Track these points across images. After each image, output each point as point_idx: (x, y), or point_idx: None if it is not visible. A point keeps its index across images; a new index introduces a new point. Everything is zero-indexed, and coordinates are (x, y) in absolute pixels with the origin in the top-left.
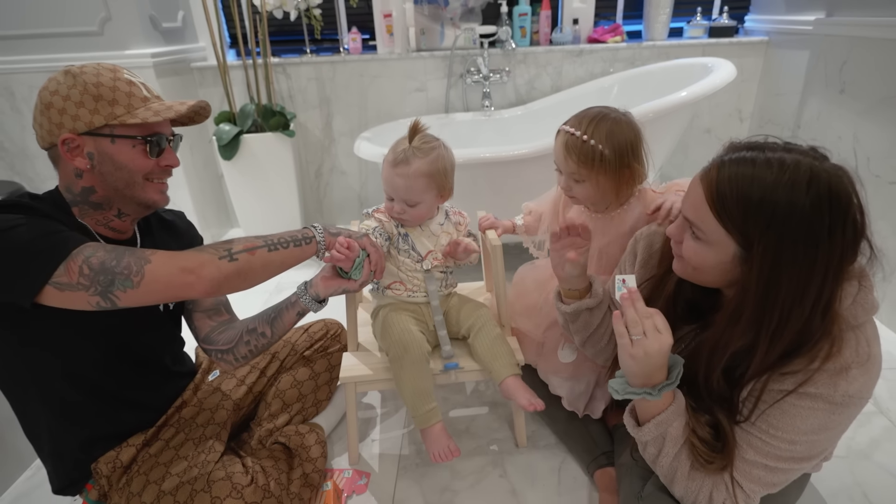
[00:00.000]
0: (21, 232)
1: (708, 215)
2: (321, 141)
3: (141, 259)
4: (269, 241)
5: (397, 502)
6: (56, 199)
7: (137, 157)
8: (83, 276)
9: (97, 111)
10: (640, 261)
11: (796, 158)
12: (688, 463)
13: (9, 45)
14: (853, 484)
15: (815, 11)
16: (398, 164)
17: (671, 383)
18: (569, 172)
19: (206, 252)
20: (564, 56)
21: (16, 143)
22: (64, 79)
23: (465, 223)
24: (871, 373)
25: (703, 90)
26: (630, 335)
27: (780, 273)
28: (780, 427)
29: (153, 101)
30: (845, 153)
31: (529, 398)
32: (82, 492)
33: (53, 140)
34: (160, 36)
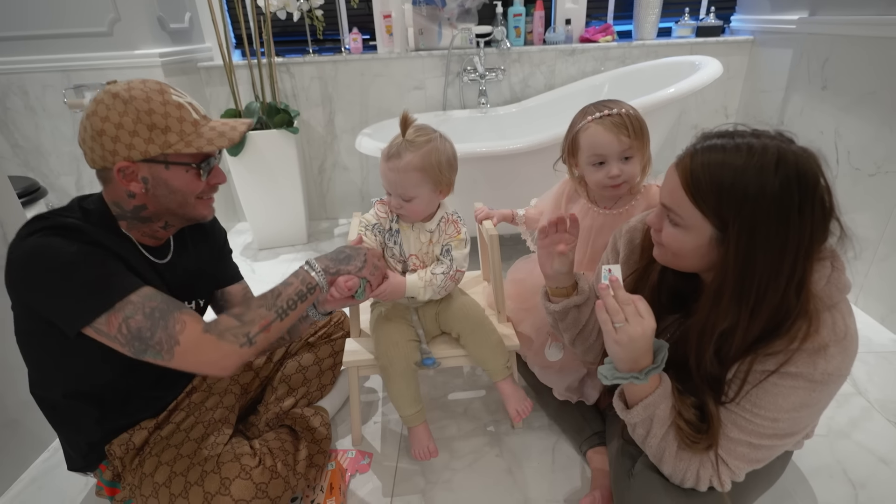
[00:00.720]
0: (74, 272)
1: (685, 201)
2: (324, 137)
3: (172, 339)
4: (279, 309)
5: (399, 481)
6: (104, 213)
7: (191, 181)
8: (121, 333)
9: (152, 140)
10: (622, 256)
11: (764, 143)
12: (675, 443)
13: (22, 46)
14: (833, 461)
15: (798, 11)
16: (391, 157)
17: (657, 367)
18: (620, 151)
19: (227, 340)
20: (557, 55)
21: (30, 140)
22: (114, 104)
23: (452, 232)
24: (849, 351)
25: (690, 87)
26: (613, 323)
27: (755, 251)
28: (763, 406)
29: (203, 123)
30: (827, 147)
31: (517, 406)
32: (96, 471)
33: (106, 164)
34: (168, 36)
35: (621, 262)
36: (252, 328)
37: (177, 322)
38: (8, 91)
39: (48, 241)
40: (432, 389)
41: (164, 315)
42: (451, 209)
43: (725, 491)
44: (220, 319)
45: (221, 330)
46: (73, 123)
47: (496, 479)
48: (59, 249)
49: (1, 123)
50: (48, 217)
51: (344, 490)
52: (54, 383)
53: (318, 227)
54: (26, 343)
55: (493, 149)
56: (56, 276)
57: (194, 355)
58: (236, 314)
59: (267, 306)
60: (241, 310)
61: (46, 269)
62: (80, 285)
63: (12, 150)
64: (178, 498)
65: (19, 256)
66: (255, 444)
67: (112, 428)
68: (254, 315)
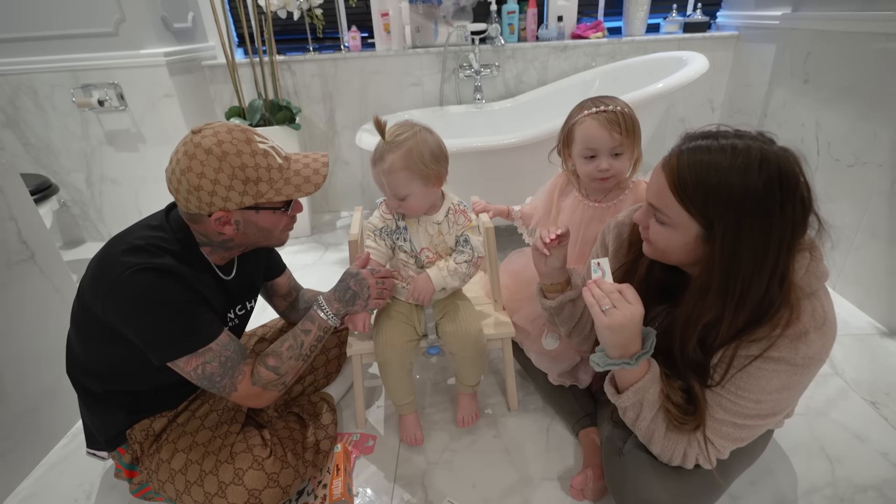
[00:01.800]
0: (173, 318)
1: (671, 201)
2: (325, 133)
3: (233, 386)
4: (305, 357)
5: (401, 461)
6: (189, 242)
7: (277, 220)
8: (195, 372)
9: (246, 192)
10: (611, 250)
11: (747, 144)
12: (664, 425)
13: (31, 47)
14: (811, 438)
15: (781, 7)
16: (375, 162)
17: (646, 352)
18: (611, 147)
19: (269, 390)
20: (550, 51)
21: (41, 138)
22: (208, 160)
23: (464, 222)
24: (828, 336)
25: (677, 82)
26: (600, 307)
27: (739, 249)
28: (747, 388)
29: (286, 167)
30: (808, 139)
31: (464, 414)
32: (114, 454)
33: (202, 212)
34: (172, 36)
35: (610, 256)
36: (287, 377)
37: (239, 373)
38: (18, 91)
39: (159, 283)
40: (433, 374)
41: (233, 365)
42: (457, 199)
43: (711, 468)
44: (262, 373)
45: (265, 383)
46: (83, 122)
47: (494, 459)
48: (167, 295)
49: (12, 122)
50: (152, 251)
51: (350, 470)
52: (101, 378)
53: (321, 219)
54: (89, 343)
55: (489, 143)
56: (159, 319)
57: (245, 400)
58: (273, 367)
59: (295, 357)
60: (275, 361)
61: (153, 311)
62: (175, 331)
63: (24, 149)
64: (194, 485)
65: (130, 290)
66: (265, 434)
67: (137, 419)
68: (287, 367)
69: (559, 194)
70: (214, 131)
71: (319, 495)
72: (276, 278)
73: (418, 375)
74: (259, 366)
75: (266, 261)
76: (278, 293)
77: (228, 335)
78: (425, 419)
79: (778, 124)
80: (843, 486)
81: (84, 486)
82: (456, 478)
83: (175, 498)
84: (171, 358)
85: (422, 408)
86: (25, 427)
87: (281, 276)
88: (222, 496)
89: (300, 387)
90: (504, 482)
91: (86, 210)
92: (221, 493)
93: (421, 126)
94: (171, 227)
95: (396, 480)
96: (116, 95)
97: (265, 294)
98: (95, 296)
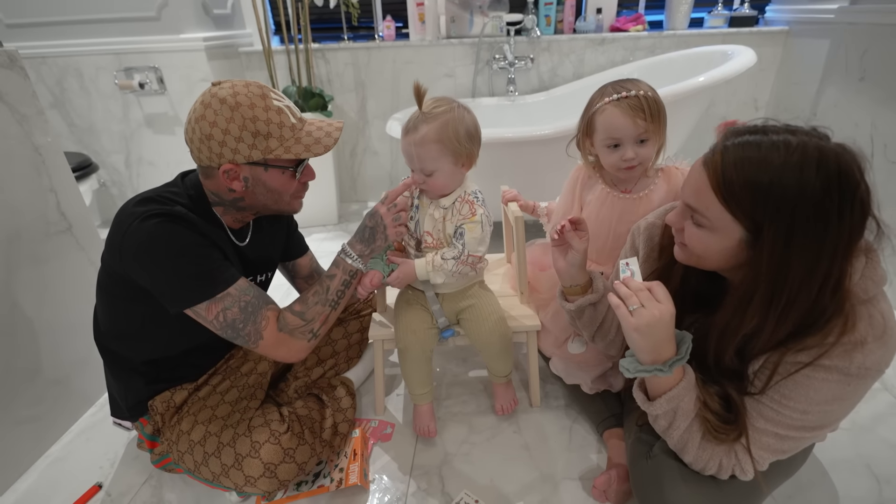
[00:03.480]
0: (189, 261)
1: (713, 202)
2: (356, 123)
3: (258, 333)
4: (332, 302)
5: (419, 451)
6: (201, 200)
7: (286, 182)
8: (217, 321)
9: (255, 146)
10: (642, 255)
11: (802, 140)
12: (699, 434)
13: (77, 30)
14: (856, 455)
15: (837, 0)
16: (408, 131)
17: (681, 358)
18: (636, 135)
19: (296, 337)
20: (587, 44)
21: (84, 119)
22: (221, 110)
23: (465, 214)
24: (889, 345)
25: (721, 75)
26: (627, 306)
27: (790, 256)
28: (792, 397)
29: (299, 126)
30: (862, 140)
31: (503, 403)
32: (137, 424)
33: (212, 164)
34: (211, 21)
35: (641, 262)
36: (315, 325)
37: (262, 318)
38: (66, 73)
39: (170, 227)
40: (455, 366)
41: (255, 310)
42: (473, 188)
43: (748, 479)
44: (288, 319)
45: (291, 329)
46: (124, 104)
47: (513, 455)
48: (179, 239)
49: (59, 103)
50: (162, 200)
51: (367, 456)
52: (122, 342)
53: (349, 208)
54: (113, 305)
55: (520, 134)
56: (173, 262)
57: (274, 349)
58: (299, 312)
59: (322, 302)
60: (301, 307)
61: (166, 255)
62: (190, 274)
63: (69, 129)
64: (212, 457)
65: (141, 236)
66: (283, 411)
67: (157, 389)
68: (313, 312)
69: (581, 188)
70: (232, 84)
71: (335, 479)
72: (297, 259)
73: (438, 368)
74: (285, 312)
75: (286, 238)
76: (300, 274)
77: (247, 282)
78: (444, 411)
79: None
80: None
81: (109, 454)
82: (474, 471)
83: (193, 469)
84: (189, 304)
85: (441, 399)
86: (57, 394)
87: (302, 256)
88: (238, 468)
89: (321, 370)
90: (523, 479)
91: (123, 190)
92: (238, 465)
93: (459, 103)
94: (185, 184)
95: (413, 470)
96: (156, 79)
97: (287, 275)
98: (112, 249)
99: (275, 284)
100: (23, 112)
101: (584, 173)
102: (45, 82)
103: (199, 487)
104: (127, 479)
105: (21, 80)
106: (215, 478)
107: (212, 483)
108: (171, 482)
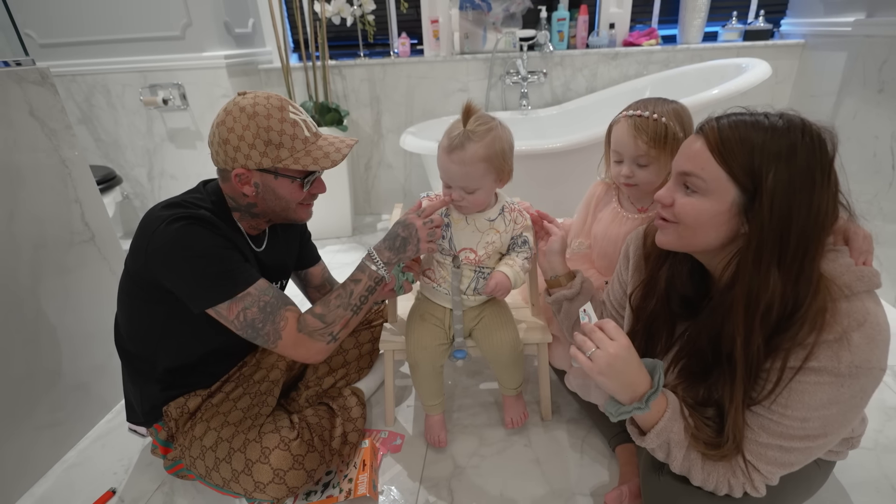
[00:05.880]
0: (211, 262)
1: (709, 161)
2: (371, 137)
3: (277, 333)
4: (354, 307)
5: (429, 462)
6: (222, 205)
7: (294, 191)
8: (238, 321)
9: (266, 154)
10: (632, 264)
11: (785, 115)
12: (699, 458)
13: (105, 49)
14: (881, 476)
15: (854, 13)
16: (454, 149)
17: (655, 391)
18: (636, 155)
19: (316, 339)
20: (600, 59)
21: (110, 134)
22: (240, 117)
23: (523, 222)
24: (876, 340)
25: (736, 88)
26: (585, 354)
27: (790, 207)
28: (789, 405)
29: (312, 140)
30: (881, 152)
31: (513, 416)
32: (151, 430)
33: (226, 167)
34: (233, 40)
35: (632, 270)
36: (335, 328)
37: (281, 319)
38: (94, 90)
39: (194, 230)
40: (465, 378)
41: (273, 310)
42: (510, 199)
43: (760, 496)
44: (308, 321)
45: (311, 331)
46: (148, 120)
47: (524, 469)
48: (203, 241)
49: (87, 119)
50: (187, 205)
51: (376, 467)
52: (141, 344)
53: (363, 221)
54: (134, 308)
55: (533, 147)
56: (196, 263)
57: (293, 349)
58: (319, 315)
59: (344, 306)
60: (322, 309)
61: (190, 256)
62: (213, 274)
63: (95, 144)
64: (222, 462)
65: (167, 238)
66: (294, 418)
67: (172, 395)
68: (334, 315)
69: (596, 204)
70: (255, 95)
71: (345, 489)
72: (309, 268)
73: (450, 381)
74: (306, 314)
75: (300, 247)
76: (312, 283)
77: (267, 283)
78: (454, 423)
79: (847, 136)
80: None
81: (123, 460)
82: (484, 484)
83: (205, 474)
84: (211, 303)
85: (452, 411)
86: (76, 401)
87: (314, 266)
88: (248, 473)
89: (332, 379)
90: (533, 493)
91: (146, 203)
92: (248, 470)
93: (498, 119)
94: (207, 191)
95: (423, 481)
96: (179, 95)
97: (300, 284)
98: (138, 252)
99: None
100: (52, 126)
101: (601, 190)
102: (75, 99)
103: (211, 494)
104: (140, 485)
105: (51, 96)
106: (226, 483)
107: (222, 489)
108: (184, 488)
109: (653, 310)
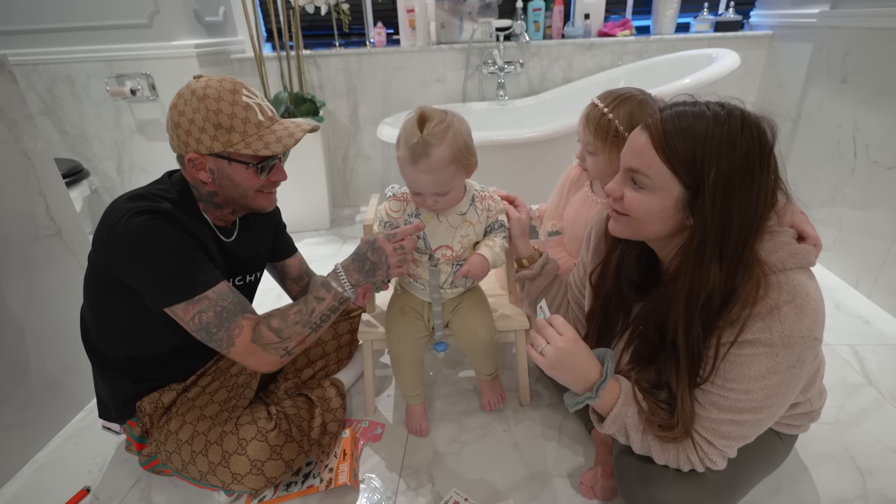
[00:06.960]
0: (171, 261)
1: (653, 159)
2: (348, 128)
3: (230, 340)
4: (313, 325)
5: (409, 450)
6: (188, 196)
7: (250, 177)
8: (193, 322)
9: (216, 138)
10: (593, 245)
11: (726, 104)
12: (655, 440)
13: (69, 37)
14: (841, 449)
15: (819, 5)
16: (418, 158)
17: (604, 380)
18: (585, 142)
19: (269, 352)
20: (575, 49)
21: (76, 126)
22: (190, 100)
23: (496, 207)
24: (805, 310)
25: (707, 77)
26: (537, 350)
27: (731, 204)
28: (732, 379)
29: (267, 125)
30: (844, 141)
31: (490, 398)
32: (125, 426)
33: (181, 152)
34: (203, 29)
35: (591, 253)
36: (290, 343)
37: (237, 326)
38: (56, 80)
39: (156, 226)
40: (445, 368)
41: (230, 317)
42: (477, 186)
43: (720, 468)
44: (264, 333)
45: (265, 343)
46: (116, 111)
47: (503, 453)
48: (164, 237)
49: (50, 110)
50: (151, 198)
51: (357, 456)
52: (108, 340)
53: (341, 213)
54: (98, 301)
55: (511, 136)
56: (156, 260)
57: (245, 358)
58: (275, 329)
59: (302, 323)
60: (279, 323)
61: (150, 253)
62: (171, 273)
63: (60, 136)
64: (199, 455)
65: (128, 233)
66: (271, 409)
67: (145, 388)
68: (291, 332)
69: (569, 187)
70: (208, 78)
71: (325, 479)
72: (285, 259)
73: (431, 372)
74: (262, 325)
75: (274, 239)
76: (289, 275)
77: (228, 286)
78: (434, 411)
79: (813, 126)
80: (874, 500)
81: (97, 458)
82: (464, 470)
83: (181, 468)
84: (167, 303)
85: (432, 400)
86: (45, 400)
87: (291, 257)
88: (225, 465)
89: (311, 371)
90: (513, 476)
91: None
92: (225, 462)
93: (449, 111)
94: (172, 181)
95: (403, 469)
96: (148, 86)
97: (277, 276)
98: (99, 245)
99: (268, 287)
100: (11, 116)
101: (575, 174)
102: (36, 89)
103: (188, 489)
104: (115, 482)
105: (9, 84)
106: (203, 476)
107: (199, 482)
108: (160, 484)
109: (607, 290)
